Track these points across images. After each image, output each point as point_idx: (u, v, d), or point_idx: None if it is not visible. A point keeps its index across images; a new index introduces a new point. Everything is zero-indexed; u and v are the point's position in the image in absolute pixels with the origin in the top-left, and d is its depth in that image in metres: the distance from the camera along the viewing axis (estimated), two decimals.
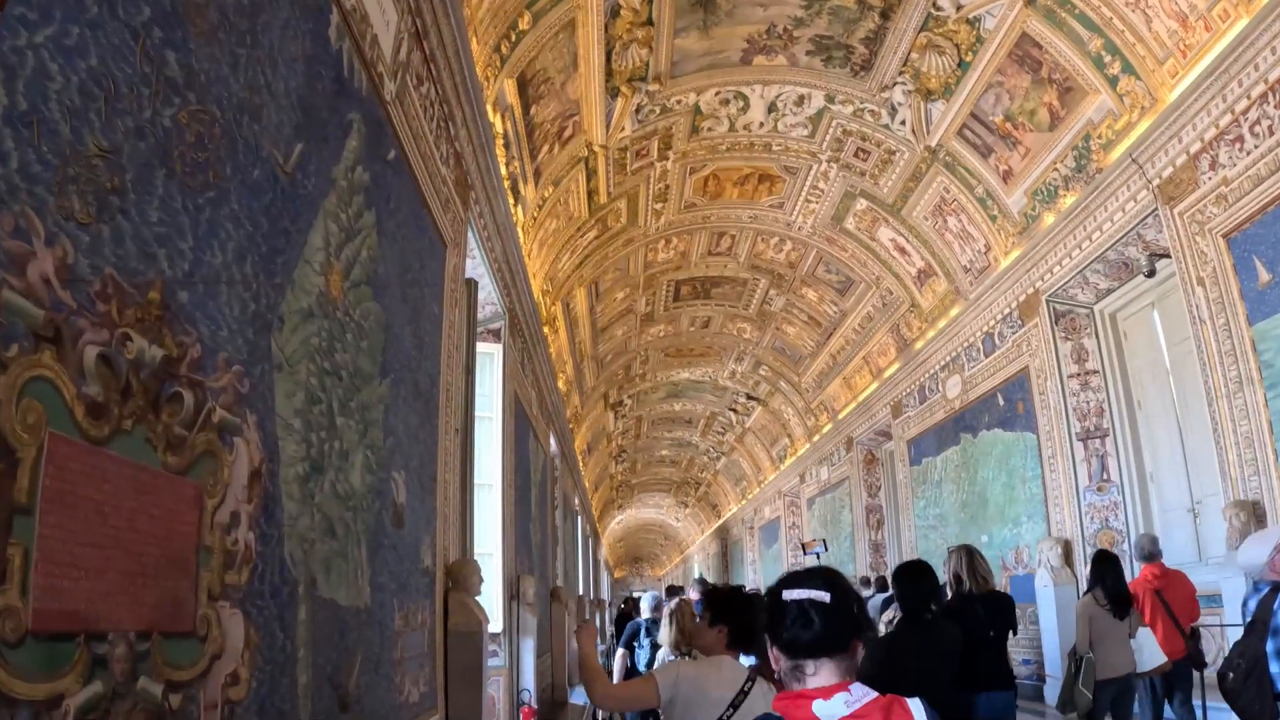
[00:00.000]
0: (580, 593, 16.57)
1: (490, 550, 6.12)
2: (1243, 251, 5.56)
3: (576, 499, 16.19)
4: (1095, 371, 8.00)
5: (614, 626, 16.19)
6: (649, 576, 48.22)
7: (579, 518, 17.30)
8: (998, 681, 4.19)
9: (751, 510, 22.73)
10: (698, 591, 7.87)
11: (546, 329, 9.50)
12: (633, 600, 15.67)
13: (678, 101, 8.33)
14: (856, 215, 10.29)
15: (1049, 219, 7.80)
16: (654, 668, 3.91)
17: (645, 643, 6.91)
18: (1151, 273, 7.15)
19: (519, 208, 7.18)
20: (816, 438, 16.20)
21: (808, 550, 14.97)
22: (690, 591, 9.71)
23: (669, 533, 39.78)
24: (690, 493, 29.82)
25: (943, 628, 3.79)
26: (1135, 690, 5.21)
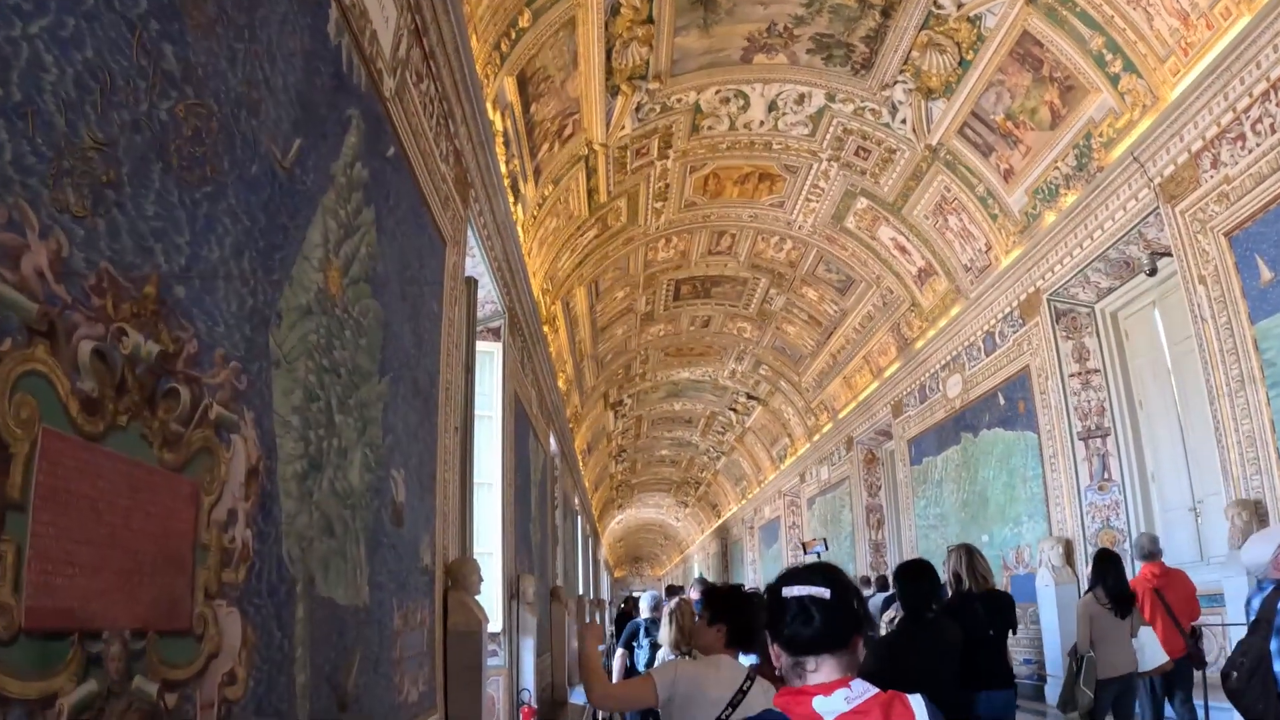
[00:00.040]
0: (580, 592, 16.56)
1: (490, 549, 6.11)
2: (1244, 250, 5.55)
3: (576, 498, 16.17)
4: (1096, 370, 7.98)
5: (614, 626, 16.18)
6: (649, 576, 48.20)
7: (579, 517, 17.28)
8: (997, 680, 4.18)
9: (751, 510, 22.71)
10: (698, 591, 7.85)
11: (546, 328, 9.48)
12: (633, 600, 15.66)
13: (678, 100, 8.31)
14: (857, 214, 10.27)
15: (1050, 218, 7.78)
16: (653, 667, 3.89)
17: (645, 643, 6.89)
18: (1153, 271, 7.14)
19: (519, 206, 7.17)
20: (817, 437, 16.18)
21: (808, 549, 14.97)
22: (691, 592, 9.69)
23: (669, 532, 39.77)
24: (690, 492, 29.80)
25: (944, 626, 3.78)
26: (1137, 690, 5.19)
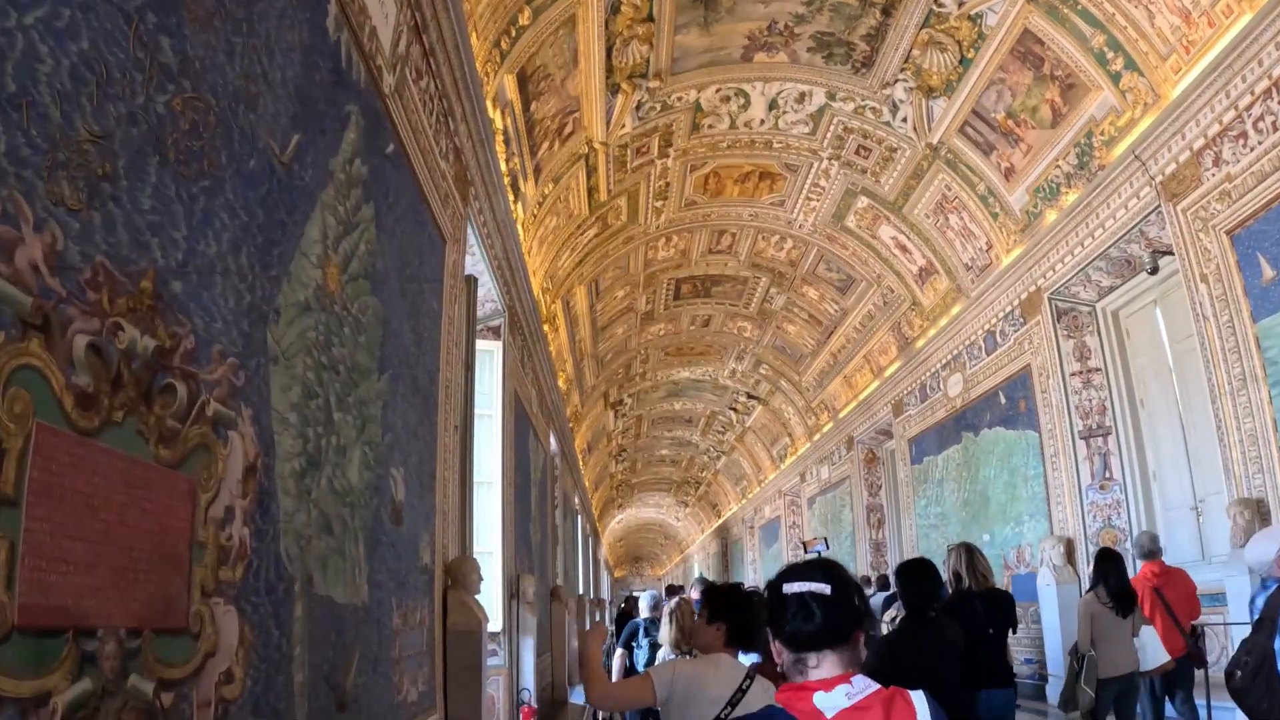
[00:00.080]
0: (580, 592, 16.54)
1: (490, 549, 6.09)
2: (1246, 248, 5.53)
3: (576, 498, 16.16)
4: (1098, 369, 7.97)
5: (614, 626, 16.17)
6: (649, 576, 48.18)
7: (579, 517, 17.27)
8: (997, 679, 4.18)
9: (752, 510, 22.69)
10: (699, 591, 7.83)
11: (546, 327, 9.47)
12: (633, 599, 15.65)
13: (678, 98, 8.29)
14: (857, 213, 10.25)
15: (1051, 216, 7.77)
16: (651, 666, 3.88)
17: (644, 643, 6.86)
18: (1154, 270, 7.12)
19: (519, 204, 7.15)
20: (817, 437, 16.17)
21: (808, 549, 14.94)
22: (692, 592, 9.67)
23: (669, 532, 39.75)
24: (690, 492, 29.79)
25: (945, 625, 3.77)
26: (1139, 689, 5.17)
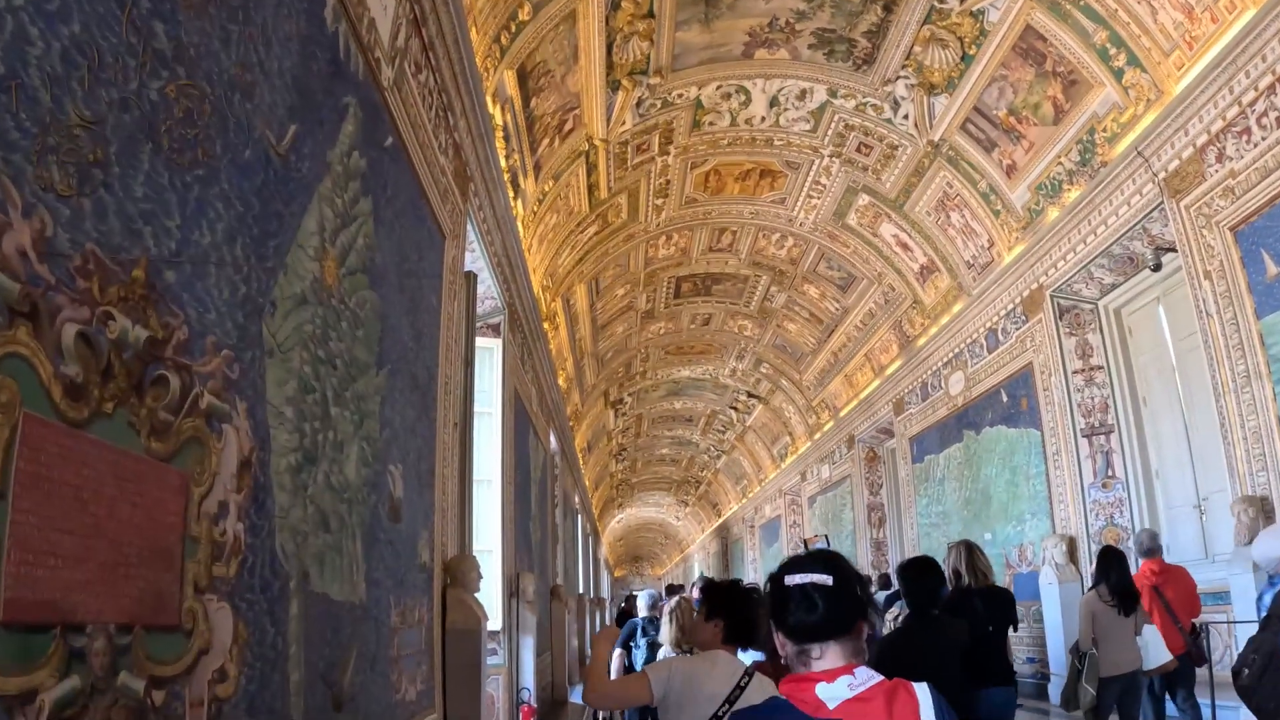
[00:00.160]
0: (580, 591, 16.52)
1: (489, 547, 6.06)
2: (1250, 244, 5.50)
3: (576, 497, 16.13)
4: (1100, 367, 7.93)
5: (614, 625, 16.12)
6: (649, 576, 48.16)
7: (579, 516, 17.24)
8: (997, 677, 4.15)
9: (752, 509, 22.66)
10: (700, 591, 7.79)
11: (546, 325, 9.44)
12: (633, 599, 15.61)
13: (679, 95, 8.26)
14: (859, 211, 10.22)
15: (1053, 214, 7.73)
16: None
17: (642, 642, 6.82)
18: (1157, 267, 7.09)
19: (519, 201, 7.12)
20: (818, 435, 16.13)
21: (809, 547, 14.94)
22: (694, 591, 9.64)
23: (669, 532, 39.73)
24: (690, 491, 29.76)
25: (948, 623, 3.75)
26: (1142, 688, 5.14)
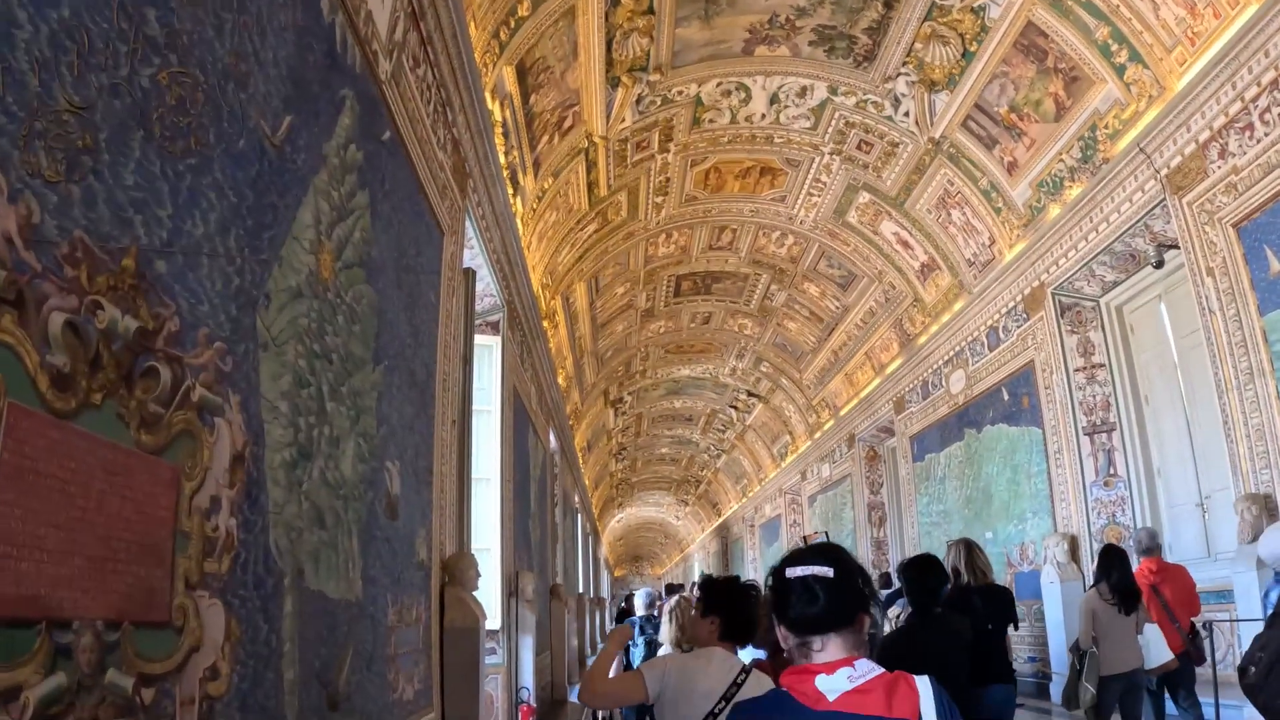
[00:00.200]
0: (580, 591, 16.49)
1: (488, 546, 6.02)
2: (1253, 241, 5.47)
3: (576, 496, 16.10)
4: (1101, 365, 7.89)
5: (614, 624, 16.12)
6: (649, 575, 48.14)
7: (579, 515, 17.21)
8: (997, 676, 4.15)
9: (752, 508, 22.64)
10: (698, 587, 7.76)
11: (546, 323, 9.40)
12: (633, 598, 15.59)
13: (679, 92, 8.23)
14: (859, 209, 10.18)
15: (1054, 211, 7.70)
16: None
17: (640, 641, 6.79)
18: (1160, 264, 7.05)
19: (518, 198, 7.08)
20: (818, 434, 16.10)
21: (809, 544, 14.91)
22: (695, 591, 9.60)
23: (669, 531, 39.70)
24: (690, 491, 29.74)
25: (951, 621, 3.73)
26: (1143, 687, 5.11)
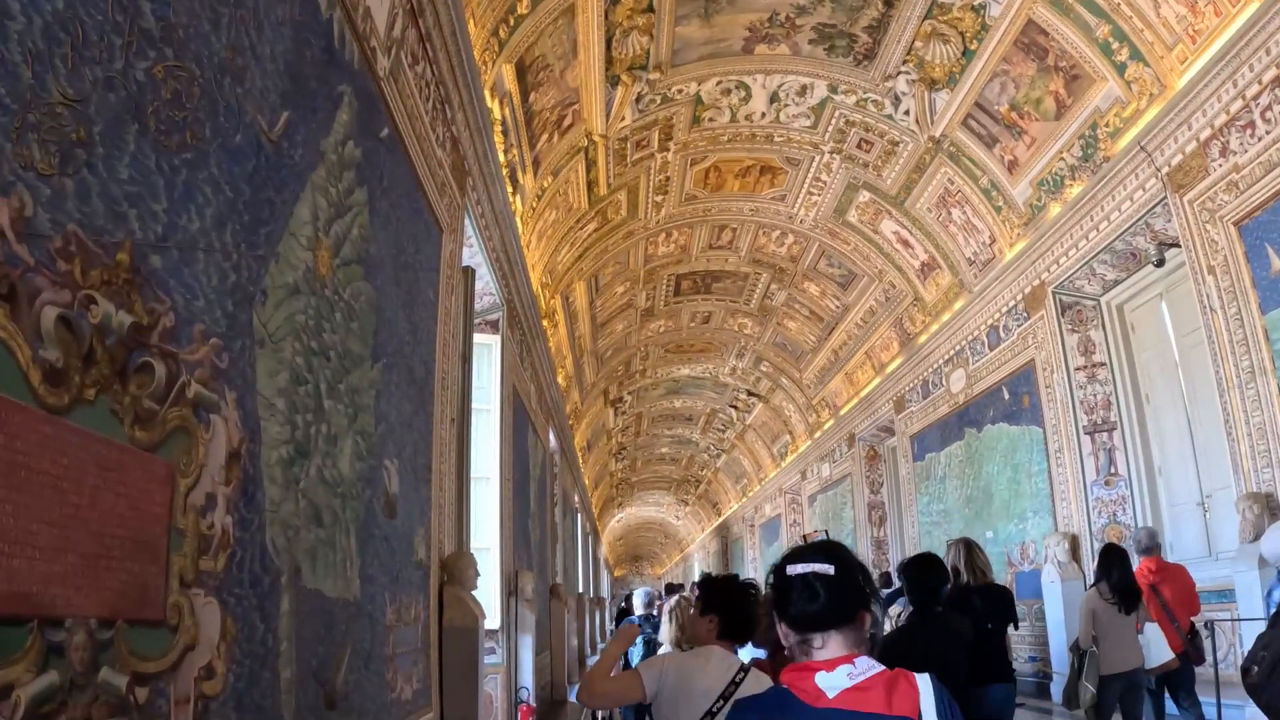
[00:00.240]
0: (580, 590, 16.47)
1: (488, 545, 6.01)
2: (1255, 239, 5.46)
3: (576, 496, 16.08)
4: (1102, 364, 7.88)
5: (614, 624, 16.13)
6: (649, 575, 48.12)
7: (578, 515, 17.20)
8: (997, 675, 4.16)
9: (752, 508, 22.62)
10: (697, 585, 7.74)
11: (546, 322, 9.39)
12: (632, 597, 15.59)
13: (679, 91, 8.21)
14: (859, 208, 10.17)
15: (1055, 209, 7.69)
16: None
17: (638, 640, 6.76)
18: (1160, 262, 7.04)
19: (517, 197, 7.07)
20: (818, 434, 16.08)
21: (809, 542, 14.90)
22: (696, 591, 9.57)
23: (669, 531, 39.68)
24: (690, 490, 29.72)
25: (952, 620, 3.72)
26: (1144, 686, 5.10)
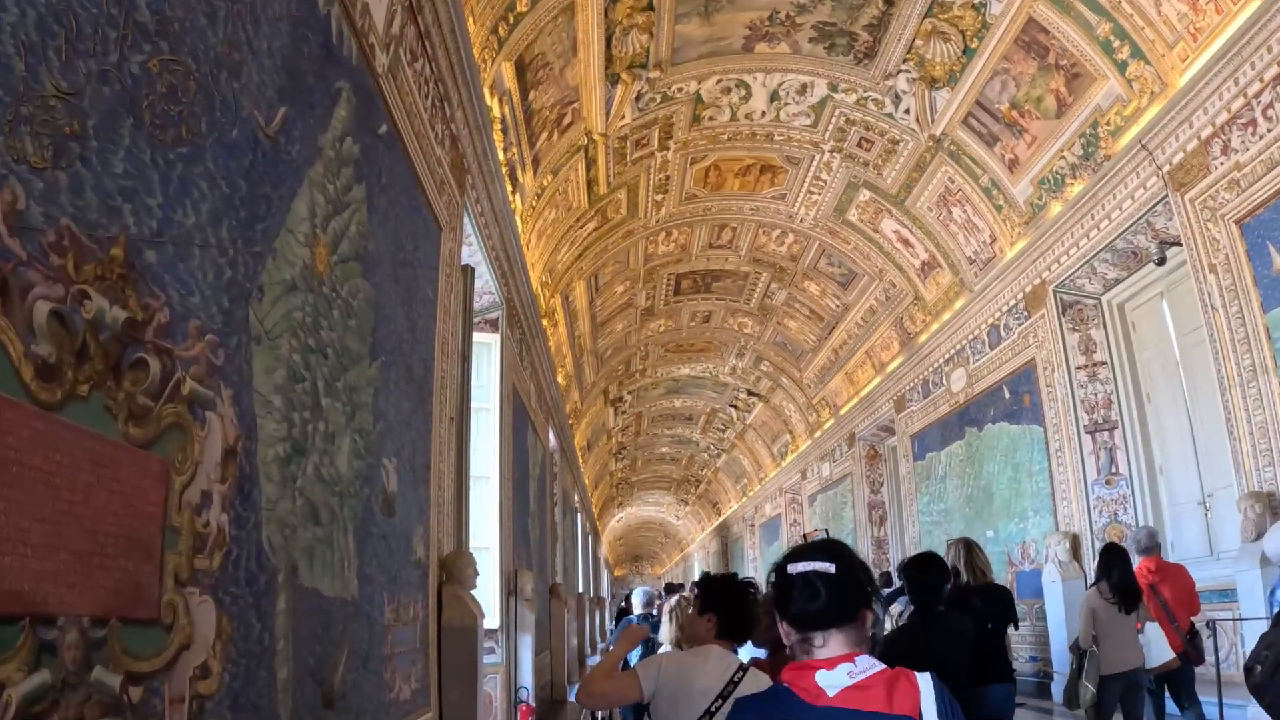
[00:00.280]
0: (580, 590, 16.46)
1: (487, 544, 5.99)
2: (1256, 237, 5.45)
3: (576, 496, 16.07)
4: (1103, 363, 7.86)
5: (614, 623, 16.12)
6: (649, 575, 48.10)
7: (578, 515, 17.18)
8: (997, 675, 4.14)
9: (752, 508, 22.61)
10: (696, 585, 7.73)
11: (545, 322, 9.37)
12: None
13: (679, 89, 8.20)
14: (859, 206, 10.15)
15: (1056, 208, 7.67)
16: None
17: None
18: (1161, 261, 7.02)
19: (517, 195, 7.05)
20: (818, 434, 16.07)
21: (810, 541, 14.89)
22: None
23: (669, 531, 39.67)
24: (690, 490, 29.71)
25: (953, 619, 3.70)
26: (1144, 686, 5.08)
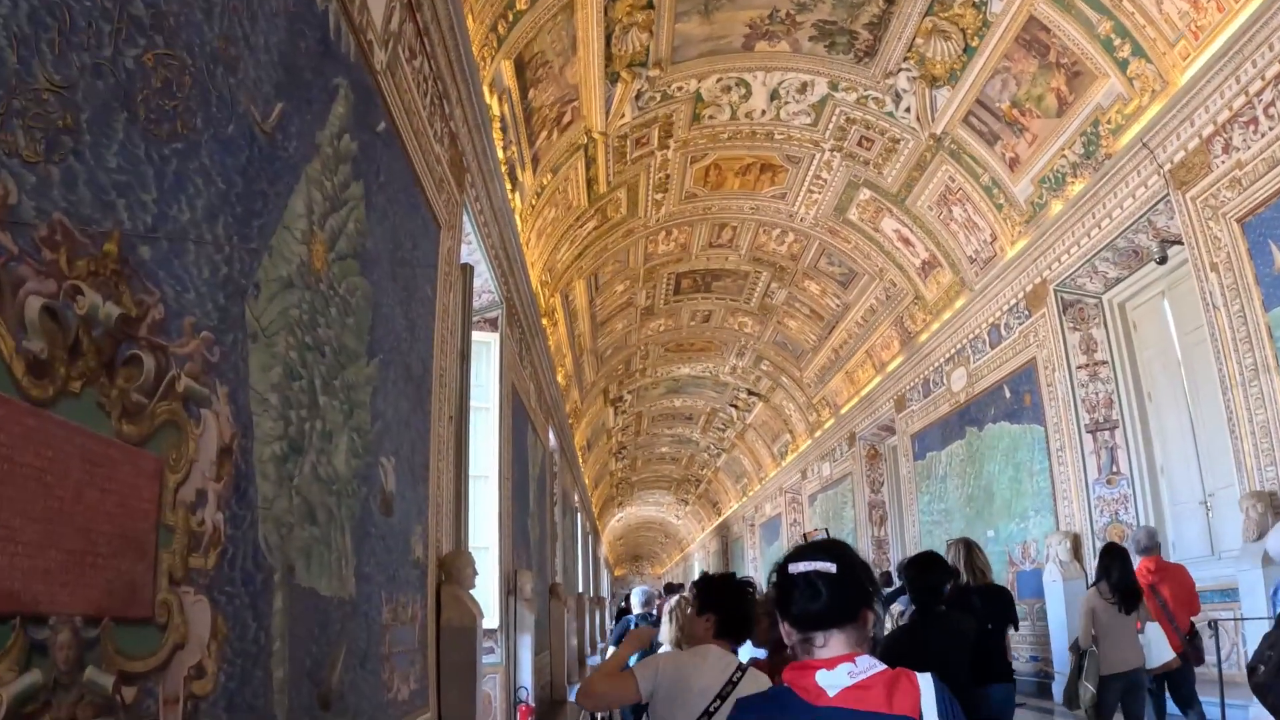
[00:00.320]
0: (580, 590, 16.45)
1: (486, 543, 5.98)
2: (1258, 236, 5.43)
3: (576, 495, 16.06)
4: (1104, 362, 7.84)
5: (613, 622, 16.11)
6: (649, 575, 48.09)
7: (578, 514, 17.17)
8: (997, 675, 4.15)
9: (752, 507, 22.59)
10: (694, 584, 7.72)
11: (545, 321, 9.36)
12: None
13: (679, 88, 8.18)
14: (860, 206, 10.13)
15: (1057, 207, 7.65)
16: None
17: None
18: (1163, 260, 7.01)
19: (516, 194, 7.03)
20: (818, 433, 16.05)
21: (809, 541, 14.88)
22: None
23: (669, 530, 39.66)
24: (690, 490, 29.69)
25: (954, 619, 3.70)
26: (1145, 686, 5.07)
